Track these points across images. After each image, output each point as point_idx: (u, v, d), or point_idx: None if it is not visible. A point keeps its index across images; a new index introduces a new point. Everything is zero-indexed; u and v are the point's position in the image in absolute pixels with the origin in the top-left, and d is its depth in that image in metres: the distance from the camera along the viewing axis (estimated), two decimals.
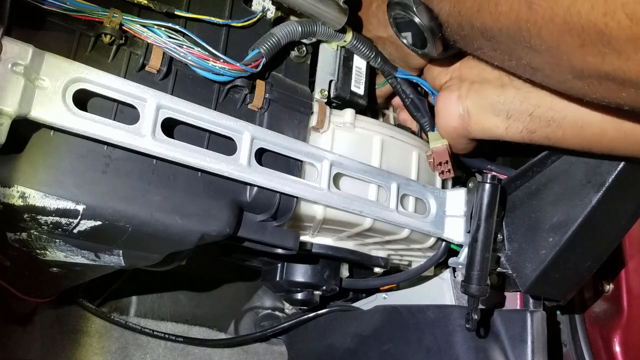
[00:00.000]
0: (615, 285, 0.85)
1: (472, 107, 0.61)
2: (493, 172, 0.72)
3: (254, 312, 1.07)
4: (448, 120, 0.64)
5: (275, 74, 0.61)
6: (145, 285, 0.98)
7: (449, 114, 0.63)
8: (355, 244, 0.75)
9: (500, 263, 0.68)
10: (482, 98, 0.60)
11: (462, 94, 0.62)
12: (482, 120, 0.61)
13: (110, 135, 0.46)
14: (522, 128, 0.58)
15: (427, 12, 0.53)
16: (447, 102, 0.63)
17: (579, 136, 0.55)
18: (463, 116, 0.62)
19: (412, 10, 0.54)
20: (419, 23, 0.54)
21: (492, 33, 0.45)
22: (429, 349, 0.68)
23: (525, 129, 0.58)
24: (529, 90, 0.56)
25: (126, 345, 0.91)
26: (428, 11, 0.53)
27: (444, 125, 0.65)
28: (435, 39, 0.55)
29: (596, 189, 0.60)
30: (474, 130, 0.63)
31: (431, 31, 0.54)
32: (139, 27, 0.49)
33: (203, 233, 0.51)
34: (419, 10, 0.53)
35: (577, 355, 0.86)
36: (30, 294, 0.73)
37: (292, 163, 0.59)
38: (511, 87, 0.57)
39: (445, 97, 0.64)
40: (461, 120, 0.63)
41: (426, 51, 0.59)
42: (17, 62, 0.41)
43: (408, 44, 0.60)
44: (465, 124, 0.62)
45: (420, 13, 0.53)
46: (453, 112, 0.63)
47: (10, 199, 0.43)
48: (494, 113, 0.60)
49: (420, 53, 0.60)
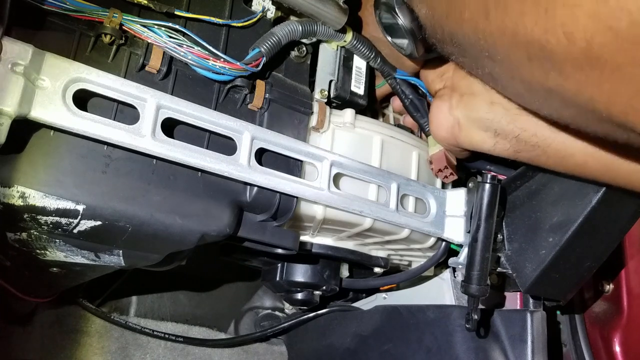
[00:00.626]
0: (615, 285, 0.85)
1: (462, 120, 0.61)
2: (493, 172, 0.71)
3: (254, 312, 1.07)
4: (439, 129, 0.64)
5: (275, 74, 0.61)
6: (145, 285, 0.98)
7: (440, 123, 0.63)
8: (355, 244, 0.75)
9: (500, 263, 0.68)
10: (471, 111, 0.60)
11: (452, 105, 0.62)
12: (471, 133, 0.61)
13: (110, 135, 0.46)
14: (509, 147, 0.59)
15: (409, 13, 0.54)
16: (438, 111, 0.63)
17: (563, 164, 0.56)
18: (454, 127, 0.62)
19: (395, 11, 0.55)
20: (401, 24, 0.55)
21: (458, 39, 0.47)
22: (429, 349, 0.68)
23: (511, 148, 0.59)
24: (517, 112, 0.56)
25: (126, 345, 0.91)
26: (410, 12, 0.54)
27: (436, 133, 0.65)
28: (417, 40, 0.56)
29: (596, 189, 0.60)
30: (463, 143, 0.63)
31: (412, 32, 0.55)
32: (139, 27, 0.49)
33: (203, 233, 0.51)
34: (401, 11, 0.54)
35: (577, 355, 0.86)
36: (30, 294, 0.73)
37: (292, 163, 0.59)
38: (500, 106, 0.57)
39: (437, 107, 0.64)
40: (452, 131, 0.63)
41: (409, 52, 0.59)
42: (17, 62, 0.41)
43: (393, 43, 0.61)
44: (456, 135, 0.62)
45: (402, 13, 0.54)
46: (444, 122, 0.63)
47: (10, 199, 0.43)
48: (483, 128, 0.59)
49: (404, 53, 0.61)
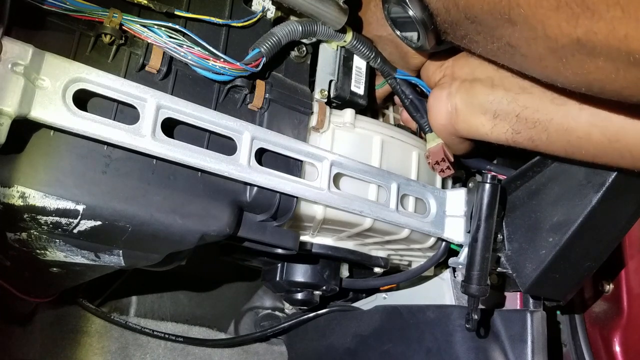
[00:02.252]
0: (615, 285, 0.85)
1: (460, 105, 0.62)
2: (493, 172, 0.72)
3: (254, 312, 1.07)
4: (437, 117, 0.65)
5: (275, 74, 0.61)
6: (145, 285, 0.98)
7: (438, 110, 0.64)
8: (355, 244, 0.75)
9: (500, 263, 0.68)
10: (471, 96, 0.61)
11: (452, 92, 0.63)
12: (469, 118, 0.62)
13: (110, 135, 0.46)
14: (508, 128, 0.59)
15: (420, 4, 0.54)
16: (437, 99, 0.64)
17: (563, 140, 0.56)
18: (451, 113, 0.63)
19: (405, 2, 0.54)
20: (412, 15, 0.55)
21: (475, 12, 0.46)
22: (429, 349, 0.68)
23: (510, 129, 0.59)
24: (518, 92, 0.57)
25: (126, 345, 0.91)
26: (420, 2, 0.54)
27: (434, 122, 0.66)
28: (428, 31, 0.56)
29: (596, 189, 0.60)
30: (460, 129, 0.63)
31: (423, 23, 0.55)
32: (139, 27, 0.49)
33: (203, 233, 0.51)
34: (412, 1, 0.54)
35: (577, 355, 0.86)
36: (30, 294, 0.73)
37: (292, 163, 0.59)
38: (501, 88, 0.58)
39: (435, 95, 0.65)
40: (449, 117, 0.63)
41: (420, 44, 0.59)
42: (17, 62, 0.41)
43: (402, 37, 0.61)
44: (453, 122, 0.63)
45: (412, 4, 0.54)
46: (442, 109, 0.64)
47: (10, 199, 0.43)
48: (481, 112, 0.60)
49: (414, 46, 0.61)
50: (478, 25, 0.48)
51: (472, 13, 0.47)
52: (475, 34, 0.50)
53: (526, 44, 0.46)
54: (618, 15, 0.35)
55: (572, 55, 0.42)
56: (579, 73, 0.44)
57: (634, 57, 0.37)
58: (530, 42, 0.45)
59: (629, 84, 0.42)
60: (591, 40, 0.39)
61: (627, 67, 0.39)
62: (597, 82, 0.44)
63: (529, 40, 0.44)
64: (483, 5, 0.45)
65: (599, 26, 0.37)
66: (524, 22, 0.42)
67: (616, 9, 0.35)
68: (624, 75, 0.41)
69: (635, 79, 0.40)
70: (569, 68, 0.44)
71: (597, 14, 0.36)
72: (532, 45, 0.45)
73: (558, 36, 0.41)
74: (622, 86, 0.42)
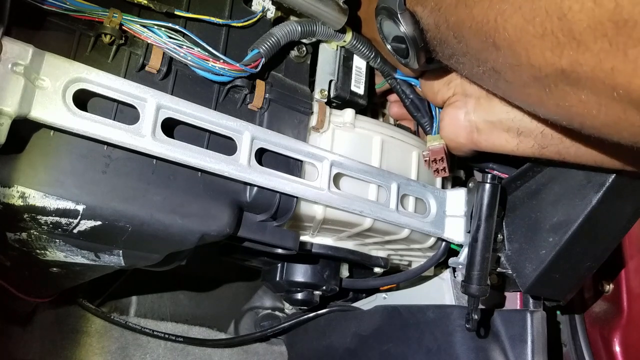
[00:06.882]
0: (615, 285, 0.85)
1: (481, 124, 0.60)
2: (493, 171, 0.71)
3: (254, 312, 1.07)
4: (458, 137, 0.62)
5: (275, 73, 0.61)
6: (145, 285, 0.98)
7: (457, 131, 0.62)
8: (355, 244, 0.75)
9: (500, 263, 0.68)
10: (490, 114, 0.59)
11: (469, 111, 0.61)
12: (492, 137, 0.60)
13: (110, 135, 0.46)
14: (534, 144, 0.57)
15: (411, 20, 0.52)
16: (454, 119, 0.62)
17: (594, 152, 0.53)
18: (472, 133, 0.61)
19: (397, 17, 0.52)
20: (402, 31, 0.53)
21: (463, 31, 0.45)
22: (429, 349, 0.68)
23: (537, 144, 0.57)
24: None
25: (126, 345, 0.91)
26: (412, 18, 0.52)
27: (450, 141, 0.64)
28: (418, 49, 0.54)
29: (596, 189, 0.60)
30: (483, 147, 0.61)
31: (413, 41, 0.53)
32: (139, 27, 0.49)
33: (203, 233, 0.51)
34: (404, 17, 0.52)
35: (577, 355, 0.86)
36: (30, 294, 0.73)
37: (292, 163, 0.59)
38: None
39: (451, 114, 0.62)
40: (469, 137, 0.61)
41: (408, 61, 0.57)
42: (17, 62, 0.41)
43: (392, 51, 0.59)
44: (475, 140, 0.61)
45: (404, 20, 0.52)
46: (460, 129, 0.61)
47: (10, 199, 0.43)
48: (504, 129, 0.58)
49: (402, 62, 0.59)
50: (464, 45, 0.46)
51: (459, 32, 0.46)
52: (461, 55, 0.49)
53: (510, 70, 0.44)
54: (605, 48, 0.34)
55: (556, 85, 0.40)
56: (561, 105, 0.42)
57: (617, 93, 0.36)
58: (514, 69, 0.43)
59: (609, 122, 0.40)
60: (576, 71, 0.37)
61: (609, 103, 0.37)
62: (578, 116, 0.42)
63: (513, 66, 0.43)
64: (471, 24, 0.43)
65: (584, 57, 0.35)
66: (508, 47, 0.41)
67: (604, 41, 0.34)
68: (606, 111, 0.39)
69: (615, 117, 0.39)
70: (552, 98, 0.42)
71: (584, 45, 0.35)
72: (516, 72, 0.43)
73: (542, 65, 0.39)
74: (603, 123, 0.41)
